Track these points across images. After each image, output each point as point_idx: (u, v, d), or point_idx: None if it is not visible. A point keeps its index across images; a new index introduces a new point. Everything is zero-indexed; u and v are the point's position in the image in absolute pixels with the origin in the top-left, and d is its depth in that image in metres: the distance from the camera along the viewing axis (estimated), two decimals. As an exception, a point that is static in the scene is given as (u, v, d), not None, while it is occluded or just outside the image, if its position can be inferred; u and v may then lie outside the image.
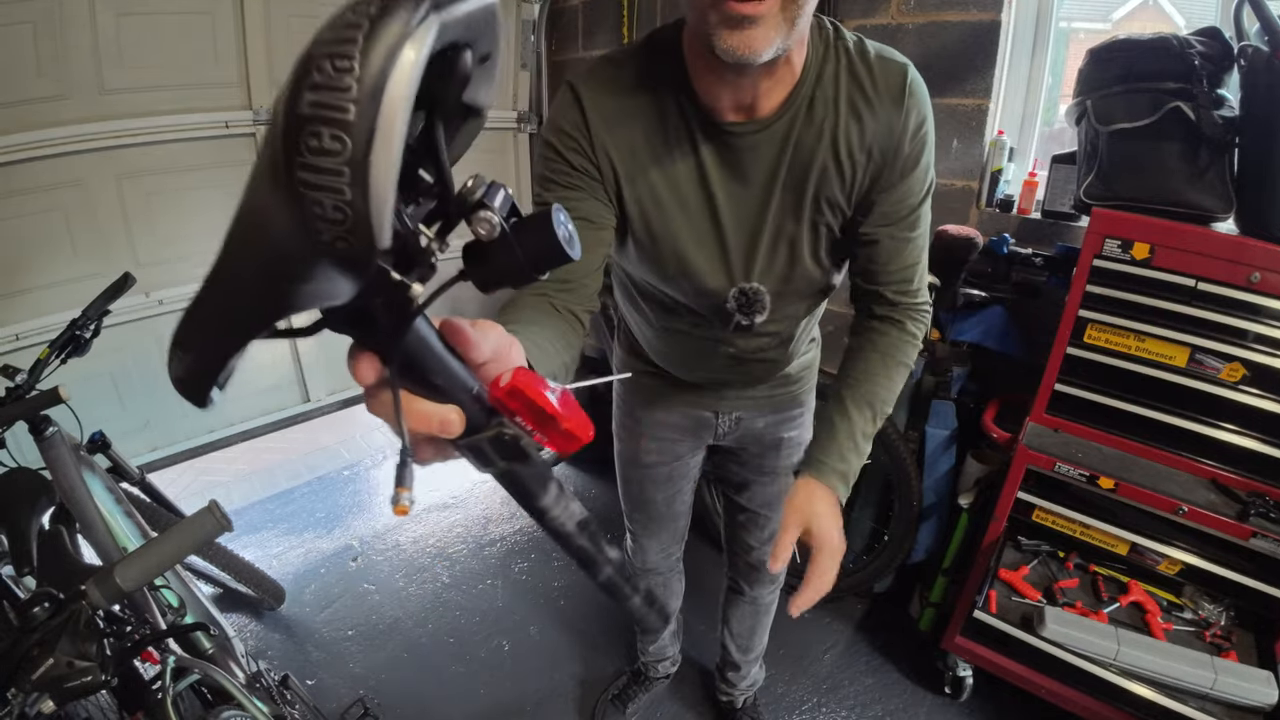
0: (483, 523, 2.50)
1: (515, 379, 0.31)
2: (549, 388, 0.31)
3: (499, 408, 0.32)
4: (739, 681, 1.64)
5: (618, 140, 0.81)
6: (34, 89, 1.75)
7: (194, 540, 0.83)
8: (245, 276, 0.24)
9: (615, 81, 0.81)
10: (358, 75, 0.18)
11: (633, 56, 0.82)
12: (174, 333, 0.27)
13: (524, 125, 2.92)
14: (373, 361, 0.30)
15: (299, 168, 0.19)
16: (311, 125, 0.18)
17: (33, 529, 1.08)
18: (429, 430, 0.30)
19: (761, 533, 1.35)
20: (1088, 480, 1.41)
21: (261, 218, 0.22)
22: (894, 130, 0.80)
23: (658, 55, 0.80)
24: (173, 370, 0.28)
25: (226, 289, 0.25)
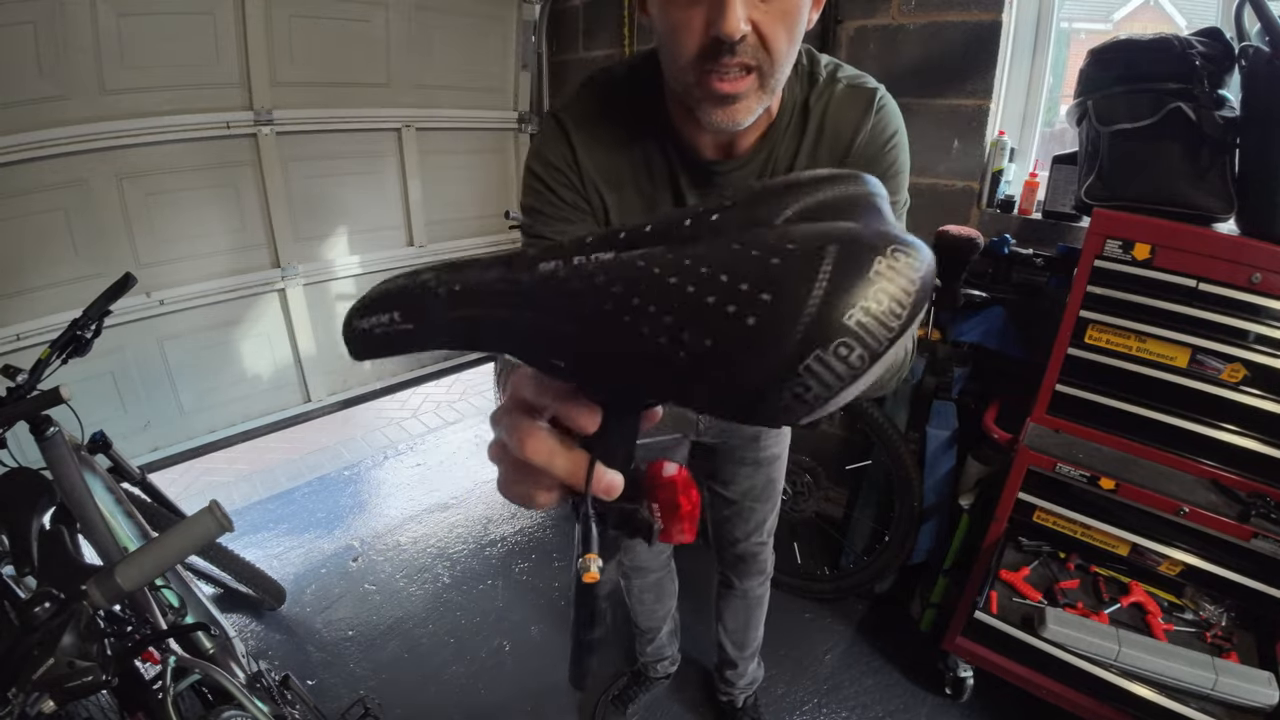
0: (483, 523, 2.50)
1: (680, 474, 0.33)
2: (697, 493, 0.33)
3: (648, 487, 0.33)
4: (738, 680, 1.64)
5: (604, 173, 0.82)
6: (35, 89, 1.75)
7: (195, 540, 0.83)
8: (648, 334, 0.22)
9: (600, 114, 0.82)
10: (901, 322, 0.20)
11: (616, 87, 0.83)
12: (447, 280, 0.27)
13: (524, 126, 2.92)
14: (596, 417, 0.30)
15: (814, 358, 0.20)
16: (850, 339, 0.20)
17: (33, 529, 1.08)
18: (594, 489, 0.30)
19: (747, 524, 1.37)
20: (1088, 481, 1.41)
21: (729, 341, 0.21)
22: (860, 139, 0.80)
23: (640, 89, 0.81)
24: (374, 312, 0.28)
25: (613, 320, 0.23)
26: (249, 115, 2.14)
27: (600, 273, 0.23)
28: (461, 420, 3.31)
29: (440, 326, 0.27)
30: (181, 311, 2.18)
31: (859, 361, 0.20)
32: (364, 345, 0.29)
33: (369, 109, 2.44)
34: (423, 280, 0.27)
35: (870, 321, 0.20)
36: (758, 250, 0.21)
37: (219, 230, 2.21)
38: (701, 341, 0.21)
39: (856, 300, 0.20)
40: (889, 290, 0.20)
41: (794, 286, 0.20)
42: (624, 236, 0.25)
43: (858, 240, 0.21)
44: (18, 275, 1.86)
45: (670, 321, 0.21)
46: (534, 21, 2.75)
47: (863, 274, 0.20)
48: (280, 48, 2.14)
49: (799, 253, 0.20)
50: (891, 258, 0.20)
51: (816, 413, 0.22)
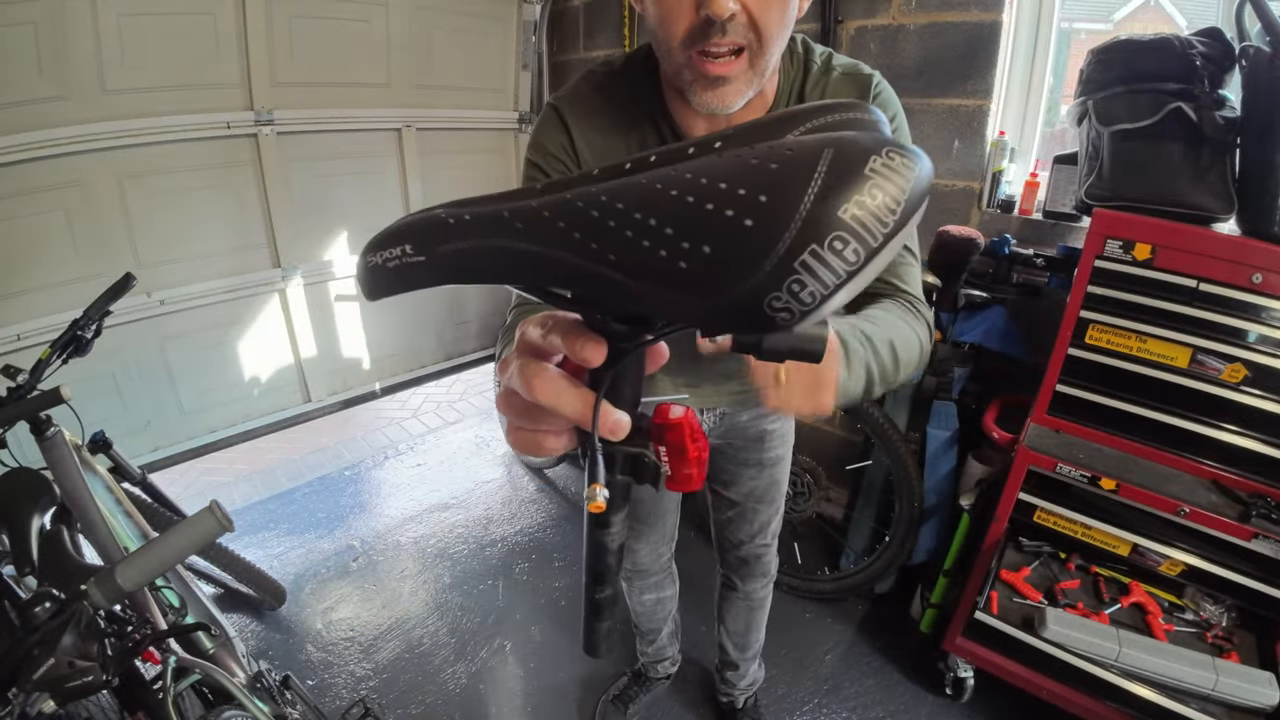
0: (484, 523, 2.50)
1: (687, 417, 0.33)
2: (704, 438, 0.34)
3: (653, 432, 0.34)
4: (738, 681, 1.64)
5: (600, 159, 0.83)
6: (35, 89, 1.75)
7: (195, 540, 0.83)
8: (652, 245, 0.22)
9: (597, 103, 0.83)
10: (896, 218, 0.21)
11: (613, 78, 0.84)
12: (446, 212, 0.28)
13: (525, 126, 2.92)
14: (601, 350, 0.30)
15: (809, 253, 0.20)
16: (845, 232, 0.20)
17: (34, 529, 1.08)
18: (600, 429, 0.31)
19: (750, 526, 1.36)
20: (1089, 481, 1.41)
21: (728, 244, 0.21)
22: None
23: (636, 79, 0.83)
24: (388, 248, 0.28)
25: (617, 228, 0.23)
26: (249, 115, 2.14)
27: (603, 192, 0.23)
28: (461, 420, 3.31)
29: (449, 256, 0.27)
30: (182, 311, 2.18)
31: (854, 256, 0.21)
32: (377, 281, 0.30)
33: (369, 109, 2.44)
34: (434, 213, 0.28)
35: (865, 215, 0.20)
36: (756, 159, 0.21)
37: (219, 230, 2.21)
38: (700, 249, 0.21)
39: (851, 195, 0.20)
40: (884, 187, 0.20)
41: (790, 186, 0.20)
42: (629, 167, 0.25)
43: (854, 142, 0.21)
44: (18, 275, 1.86)
45: (671, 233, 0.22)
46: (534, 21, 2.76)
47: (858, 171, 0.20)
48: (281, 48, 2.15)
49: (795, 156, 0.21)
50: (886, 158, 0.21)
51: (814, 314, 0.22)
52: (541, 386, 0.30)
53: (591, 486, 0.31)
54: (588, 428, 0.31)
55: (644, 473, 0.34)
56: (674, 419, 0.33)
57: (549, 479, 2.79)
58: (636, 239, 0.22)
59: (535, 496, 2.68)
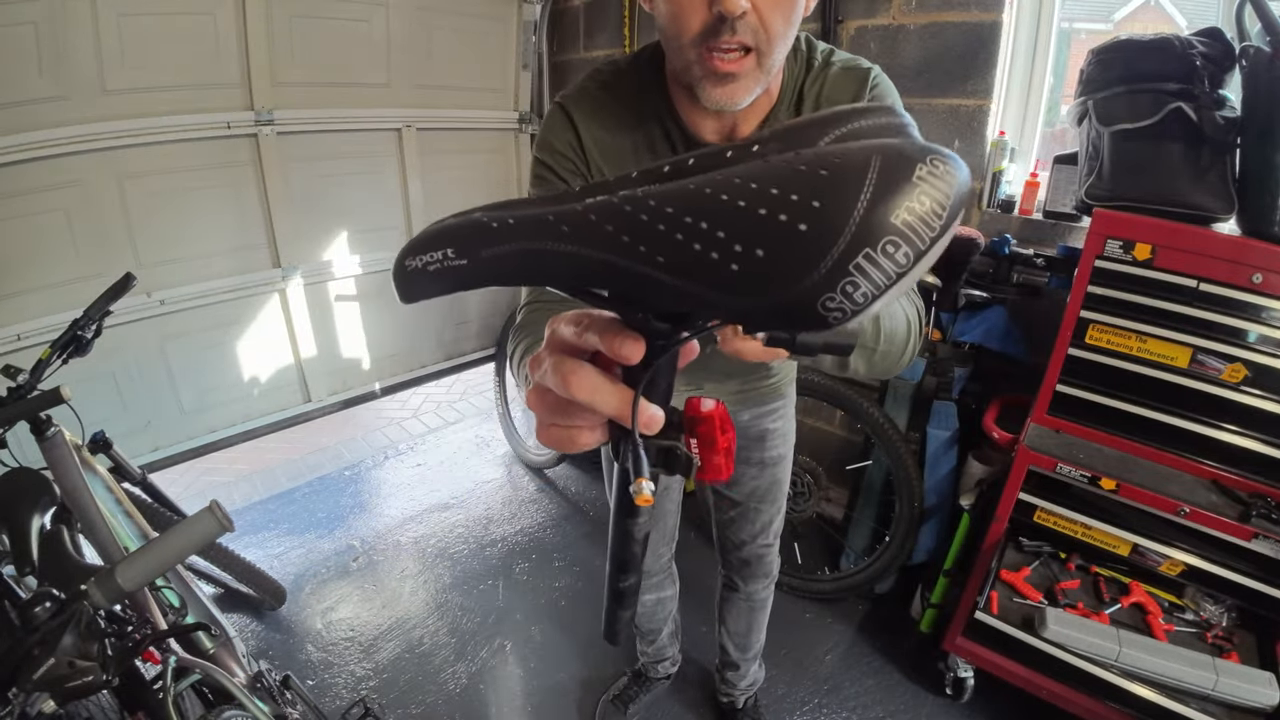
0: (484, 523, 2.50)
1: (717, 409, 0.34)
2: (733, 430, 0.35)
3: (685, 424, 0.35)
4: (739, 681, 1.64)
5: (608, 156, 0.83)
6: (35, 89, 1.75)
7: (195, 540, 0.83)
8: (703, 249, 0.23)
9: (603, 101, 0.84)
10: (943, 221, 0.22)
11: (620, 76, 0.85)
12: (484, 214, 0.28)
13: (525, 126, 2.92)
14: (641, 347, 0.31)
15: (864, 256, 0.21)
16: (896, 236, 0.21)
17: (34, 529, 1.08)
18: (639, 424, 0.31)
19: (752, 526, 1.36)
20: (1089, 481, 1.41)
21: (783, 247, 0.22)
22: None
23: (643, 77, 0.84)
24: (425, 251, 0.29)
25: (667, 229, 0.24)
26: (250, 115, 2.14)
27: (651, 196, 0.24)
28: (462, 420, 3.31)
29: (491, 260, 0.28)
30: (182, 311, 2.18)
31: (905, 259, 0.22)
32: (414, 284, 0.30)
33: (369, 109, 2.44)
34: (474, 217, 0.28)
35: (915, 221, 0.21)
36: (805, 165, 0.22)
37: (219, 230, 2.21)
38: (754, 252, 0.22)
39: (902, 202, 0.21)
40: (930, 193, 0.22)
41: (843, 192, 0.21)
42: (668, 170, 0.26)
43: (900, 151, 0.22)
44: (18, 275, 1.86)
45: (723, 236, 0.23)
46: (535, 21, 2.75)
47: (907, 178, 0.21)
48: (281, 48, 2.15)
49: (845, 164, 0.22)
50: (931, 165, 0.22)
51: (865, 312, 0.23)
52: (578, 383, 0.31)
53: (637, 481, 0.32)
54: (625, 423, 0.31)
55: (676, 465, 0.35)
56: (705, 412, 0.34)
57: (549, 479, 2.79)
58: (687, 242, 0.23)
59: (535, 496, 2.68)
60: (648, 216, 0.24)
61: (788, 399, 1.26)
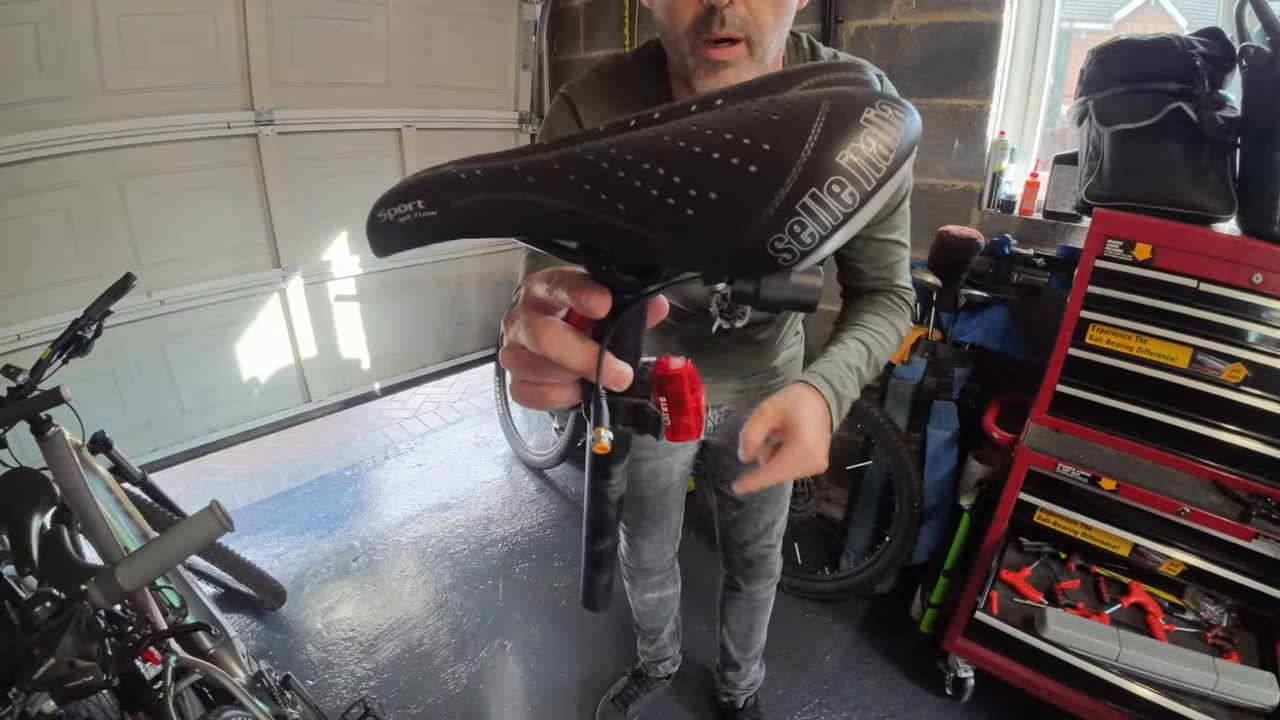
0: (484, 523, 2.50)
1: (686, 368, 0.35)
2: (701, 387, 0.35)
3: (654, 383, 0.35)
4: (739, 681, 1.64)
5: None
6: (35, 89, 1.75)
7: (195, 540, 0.83)
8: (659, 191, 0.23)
9: (608, 92, 0.87)
10: (889, 163, 0.22)
11: (623, 69, 0.89)
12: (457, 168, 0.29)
13: (525, 126, 2.92)
14: (606, 301, 0.31)
15: (810, 196, 0.22)
16: (842, 177, 0.22)
17: (34, 529, 1.08)
18: (604, 380, 0.32)
19: (755, 526, 1.35)
20: (1089, 481, 1.41)
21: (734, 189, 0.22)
22: None
23: (644, 70, 0.88)
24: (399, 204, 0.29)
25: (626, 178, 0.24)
26: (250, 115, 2.14)
27: (613, 145, 0.25)
28: (462, 420, 3.31)
29: (461, 210, 0.28)
30: (182, 311, 2.18)
31: (850, 199, 0.22)
32: (388, 236, 0.31)
33: (369, 109, 2.44)
34: (445, 169, 0.29)
35: (861, 161, 0.22)
36: (758, 111, 0.23)
37: (219, 230, 2.21)
38: (708, 195, 0.23)
39: (848, 142, 0.22)
40: (878, 135, 0.22)
41: (792, 134, 0.22)
42: (633, 124, 0.26)
43: (850, 95, 0.23)
44: (18, 275, 1.86)
45: (679, 181, 0.23)
46: (535, 21, 2.76)
47: (854, 121, 0.22)
48: (281, 48, 2.15)
49: (796, 108, 0.22)
50: (880, 109, 0.22)
51: (813, 255, 0.23)
52: (548, 340, 0.31)
53: (596, 429, 0.33)
54: (592, 378, 0.32)
55: (645, 423, 0.35)
56: (674, 370, 0.35)
57: (549, 479, 2.79)
58: (645, 188, 0.23)
59: (535, 496, 2.68)
60: (609, 164, 0.24)
61: None
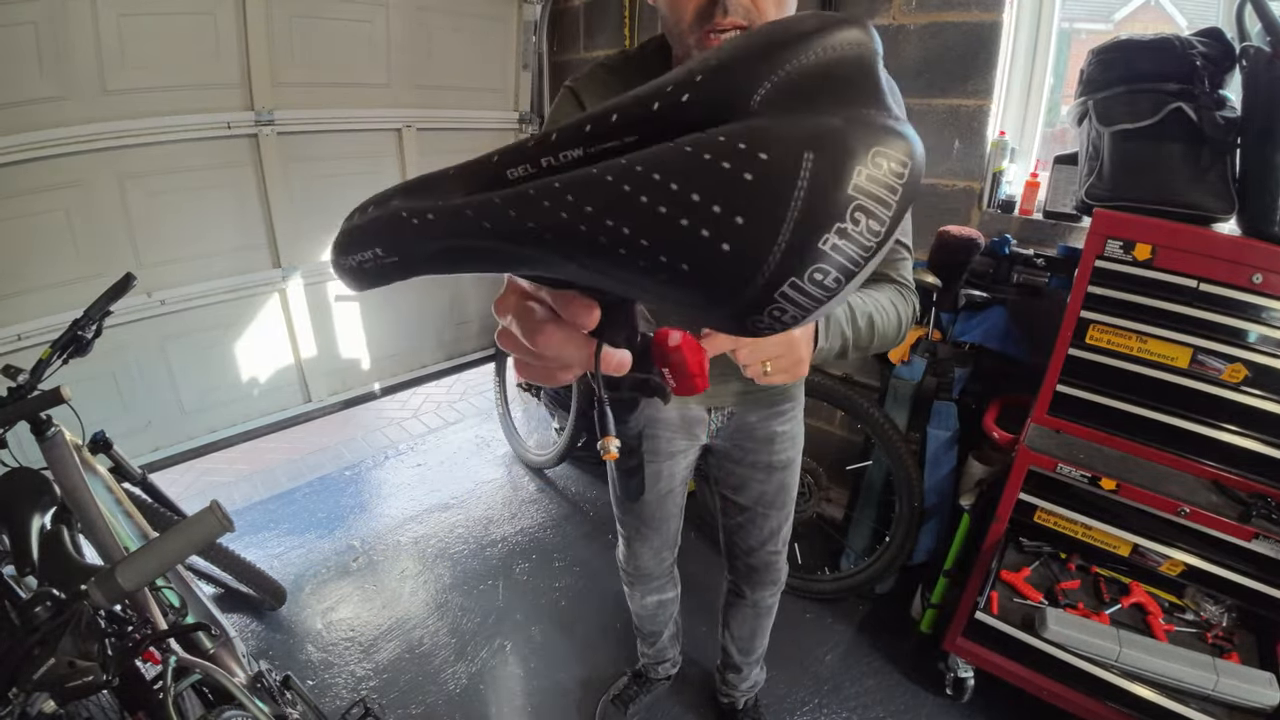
0: (484, 523, 2.50)
1: (684, 340, 0.35)
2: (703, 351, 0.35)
3: (656, 356, 0.35)
4: (740, 683, 1.64)
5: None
6: (36, 89, 1.75)
7: (195, 540, 0.83)
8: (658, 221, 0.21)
9: (612, 85, 0.88)
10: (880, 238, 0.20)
11: (627, 62, 0.90)
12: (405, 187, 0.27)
13: (525, 126, 2.92)
14: (594, 313, 0.30)
15: (789, 284, 0.20)
16: (825, 263, 0.20)
17: (34, 529, 1.08)
18: (605, 368, 0.32)
19: (760, 532, 1.34)
20: (1089, 481, 1.41)
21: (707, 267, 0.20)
22: None
23: (650, 63, 0.88)
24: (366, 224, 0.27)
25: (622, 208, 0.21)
26: (250, 115, 2.14)
27: (568, 190, 0.22)
28: (462, 420, 3.31)
29: (424, 257, 0.27)
30: (182, 311, 2.18)
31: (835, 283, 0.20)
32: (358, 280, 0.29)
33: (370, 109, 2.44)
34: (393, 209, 0.27)
35: (846, 244, 0.19)
36: (728, 162, 0.19)
37: (220, 230, 2.21)
38: (679, 264, 0.21)
39: (832, 221, 0.19)
40: (866, 206, 0.19)
41: (768, 210, 0.19)
42: (590, 129, 0.23)
43: (836, 146, 0.19)
44: (19, 275, 1.86)
45: (647, 245, 0.21)
46: (535, 21, 2.76)
47: (841, 189, 0.19)
48: (281, 48, 2.15)
49: (771, 165, 0.19)
50: (872, 165, 0.19)
51: (794, 328, 0.22)
52: (544, 341, 0.31)
53: (605, 439, 0.33)
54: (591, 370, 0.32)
55: (650, 390, 0.36)
56: (673, 345, 0.35)
57: (549, 479, 2.79)
58: (612, 245, 0.21)
59: (535, 496, 2.68)
60: (567, 214, 0.22)
61: (797, 401, 1.24)
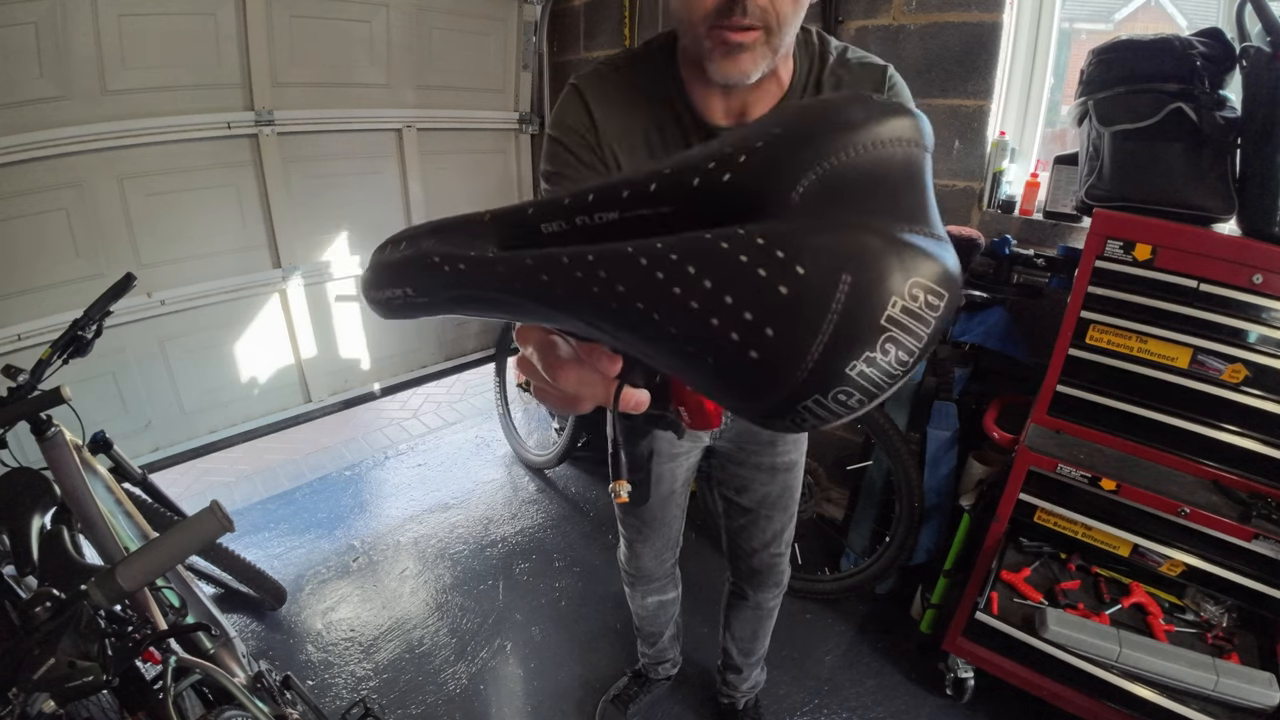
0: (484, 524, 2.50)
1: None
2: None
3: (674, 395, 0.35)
4: (740, 684, 1.64)
5: (619, 135, 0.86)
6: (36, 89, 1.75)
7: (195, 540, 0.83)
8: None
9: (616, 83, 0.87)
10: (907, 369, 0.20)
11: (632, 61, 0.88)
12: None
13: (525, 126, 2.92)
14: (617, 363, 0.31)
15: (813, 400, 0.20)
16: (850, 386, 0.20)
17: (34, 529, 1.08)
18: (623, 406, 0.32)
19: (763, 534, 1.34)
20: (1089, 481, 1.41)
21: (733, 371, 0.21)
22: None
23: (655, 61, 0.87)
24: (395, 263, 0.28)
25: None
26: (250, 116, 2.14)
27: (601, 265, 0.22)
28: (462, 420, 3.31)
29: (449, 301, 0.27)
30: (182, 312, 2.18)
31: (857, 405, 0.21)
32: (387, 311, 0.30)
33: (370, 109, 2.44)
34: (425, 250, 0.27)
35: (873, 373, 0.20)
36: (765, 270, 0.20)
37: (220, 231, 2.21)
38: (705, 358, 0.21)
39: (862, 351, 0.19)
40: (898, 338, 0.20)
41: (799, 329, 0.19)
42: (627, 195, 0.24)
43: (875, 273, 0.19)
44: (19, 275, 1.86)
45: (675, 334, 0.21)
46: (535, 22, 2.76)
47: (874, 319, 0.19)
48: (281, 48, 2.15)
49: (808, 281, 0.19)
50: (909, 297, 0.19)
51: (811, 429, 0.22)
52: (565, 378, 0.31)
53: (616, 483, 0.34)
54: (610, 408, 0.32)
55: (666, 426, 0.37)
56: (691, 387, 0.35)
57: (549, 479, 2.79)
58: (642, 325, 0.22)
59: (535, 497, 2.68)
60: (599, 290, 0.22)
61: None
